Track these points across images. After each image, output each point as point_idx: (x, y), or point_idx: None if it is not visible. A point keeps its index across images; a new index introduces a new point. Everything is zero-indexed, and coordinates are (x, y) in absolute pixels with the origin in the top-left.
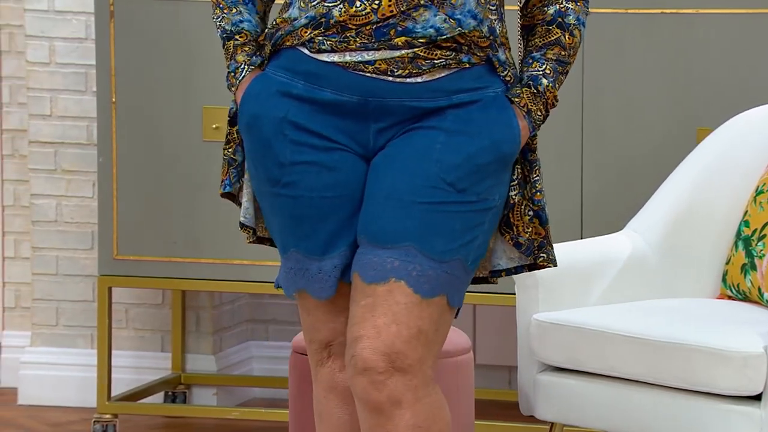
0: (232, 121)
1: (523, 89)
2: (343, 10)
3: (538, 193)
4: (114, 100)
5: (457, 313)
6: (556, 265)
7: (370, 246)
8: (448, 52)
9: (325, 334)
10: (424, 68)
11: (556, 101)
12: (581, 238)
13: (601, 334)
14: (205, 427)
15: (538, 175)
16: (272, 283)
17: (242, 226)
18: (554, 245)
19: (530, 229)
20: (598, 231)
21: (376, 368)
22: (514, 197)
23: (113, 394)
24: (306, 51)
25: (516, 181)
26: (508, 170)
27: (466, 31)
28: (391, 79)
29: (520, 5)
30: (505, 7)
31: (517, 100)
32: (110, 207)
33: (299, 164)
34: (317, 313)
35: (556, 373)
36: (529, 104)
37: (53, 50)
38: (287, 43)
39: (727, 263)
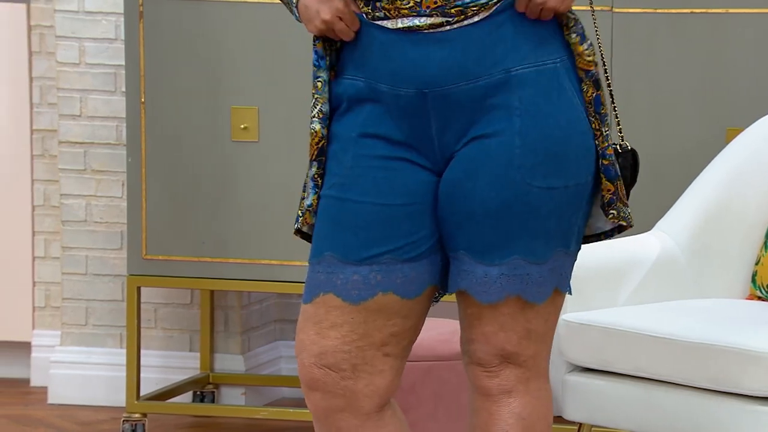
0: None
1: None
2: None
3: (609, 147)
4: (143, 100)
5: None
6: (630, 225)
7: (476, 263)
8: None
9: (313, 349)
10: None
11: None
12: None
13: (629, 335)
14: (234, 427)
15: (608, 129)
16: (301, 282)
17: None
18: (584, 245)
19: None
20: (627, 231)
21: (491, 362)
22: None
23: (142, 393)
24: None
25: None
26: (588, 144)
27: None
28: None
29: None
30: None
31: None
32: (139, 207)
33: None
34: (307, 325)
35: (584, 374)
36: None
37: (83, 51)
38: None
39: (757, 263)
